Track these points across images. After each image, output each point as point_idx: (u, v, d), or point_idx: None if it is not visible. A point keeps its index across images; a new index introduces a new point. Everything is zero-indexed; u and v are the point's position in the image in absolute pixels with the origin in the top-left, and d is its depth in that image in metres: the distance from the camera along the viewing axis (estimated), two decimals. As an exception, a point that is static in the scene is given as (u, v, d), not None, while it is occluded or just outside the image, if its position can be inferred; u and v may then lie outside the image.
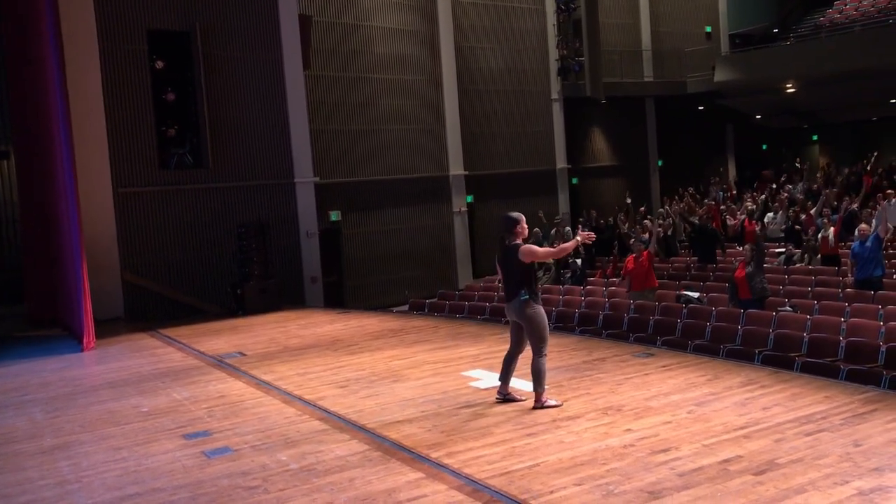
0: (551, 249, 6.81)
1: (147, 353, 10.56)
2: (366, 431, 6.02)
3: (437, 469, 5.07)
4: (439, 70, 19.81)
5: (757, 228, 15.43)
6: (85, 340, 11.11)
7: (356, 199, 18.29)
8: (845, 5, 25.50)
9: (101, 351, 11.00)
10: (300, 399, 7.20)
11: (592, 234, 6.67)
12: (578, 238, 6.56)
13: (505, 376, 6.53)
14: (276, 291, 14.28)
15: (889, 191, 15.61)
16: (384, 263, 18.67)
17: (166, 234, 14.54)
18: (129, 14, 14.22)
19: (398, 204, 19.03)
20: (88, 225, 12.40)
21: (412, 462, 5.25)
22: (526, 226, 6.42)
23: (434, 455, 5.31)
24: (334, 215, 17.82)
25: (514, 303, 6.26)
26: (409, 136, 19.33)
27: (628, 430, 5.60)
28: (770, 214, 16.60)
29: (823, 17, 25.65)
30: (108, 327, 12.65)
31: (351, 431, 6.07)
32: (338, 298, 17.32)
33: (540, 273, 14.90)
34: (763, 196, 18.81)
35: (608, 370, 7.48)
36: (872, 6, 24.25)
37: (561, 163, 22.58)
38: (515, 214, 6.36)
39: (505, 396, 6.50)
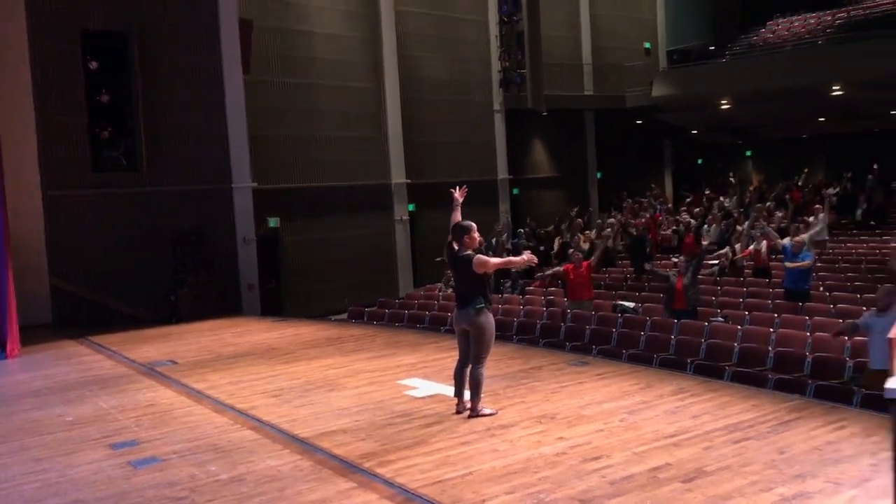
0: (500, 261, 6.79)
1: (75, 360, 10.24)
2: (299, 441, 5.93)
3: (369, 479, 5.02)
4: (382, 78, 19.76)
5: (696, 240, 15.77)
6: (9, 347, 10.73)
7: (297, 205, 18.08)
8: (777, 25, 26.32)
9: (27, 358, 10.63)
10: (232, 408, 7.06)
11: (535, 259, 6.69)
12: (525, 257, 6.54)
13: (460, 389, 6.39)
14: (212, 299, 14.02)
15: (817, 206, 16.11)
16: (324, 271, 18.49)
17: (99, 239, 14.12)
18: (62, 13, 13.82)
19: (339, 211, 18.88)
20: (15, 228, 11.99)
21: (345, 472, 5.19)
22: (476, 235, 6.31)
23: (367, 465, 5.26)
24: (273, 221, 17.58)
25: (467, 310, 6.17)
26: (351, 142, 19.21)
27: (561, 437, 5.63)
28: (705, 227, 16.97)
29: (757, 36, 26.42)
30: (35, 334, 12.23)
31: (283, 441, 5.97)
32: (276, 306, 17.08)
33: (508, 284, 14.92)
34: (698, 209, 19.23)
35: (544, 378, 7.53)
36: (803, 27, 25.09)
37: (503, 173, 22.72)
38: (466, 223, 6.28)
39: (465, 408, 6.32)
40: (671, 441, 5.43)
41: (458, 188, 6.71)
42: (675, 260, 12.51)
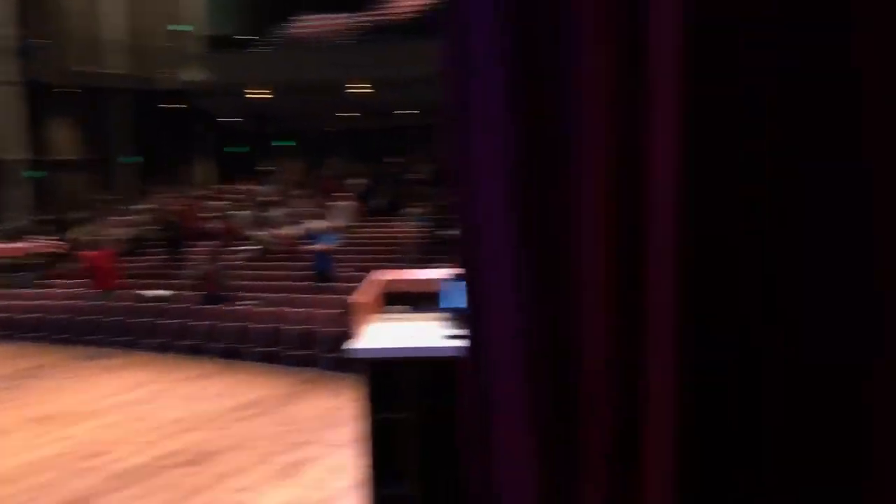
0: None
1: None
2: None
3: None
4: None
5: (232, 227, 15.81)
6: None
7: None
8: (308, 22, 27.70)
9: None
10: None
11: (64, 245, 6.04)
12: (42, 243, 5.83)
13: None
14: None
15: (340, 194, 17.35)
16: None
17: None
18: None
19: None
20: None
21: None
22: None
23: None
24: None
25: None
26: None
27: (64, 437, 5.19)
28: (240, 213, 17.17)
29: (289, 30, 27.50)
30: None
31: None
32: None
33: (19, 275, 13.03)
34: (235, 196, 19.40)
35: (51, 376, 6.90)
36: (331, 25, 26.80)
37: (16, 153, 20.22)
38: None
39: None
40: (184, 426, 5.36)
41: None
42: (207, 247, 12.47)
